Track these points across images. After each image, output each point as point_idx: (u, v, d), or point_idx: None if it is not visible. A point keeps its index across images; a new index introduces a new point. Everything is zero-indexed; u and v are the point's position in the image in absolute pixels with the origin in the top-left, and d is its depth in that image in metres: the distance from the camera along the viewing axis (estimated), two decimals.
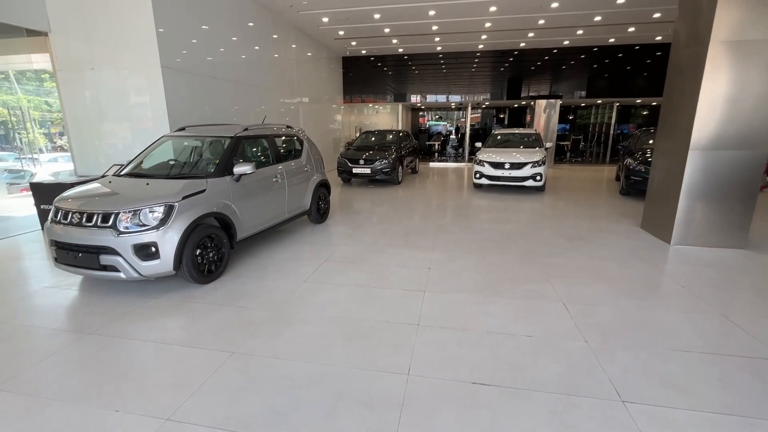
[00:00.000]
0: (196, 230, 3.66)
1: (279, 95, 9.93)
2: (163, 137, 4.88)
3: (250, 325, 3.08)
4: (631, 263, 4.42)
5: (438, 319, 3.17)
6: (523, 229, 5.85)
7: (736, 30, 4.34)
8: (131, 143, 6.29)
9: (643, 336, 2.91)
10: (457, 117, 24.91)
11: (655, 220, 5.45)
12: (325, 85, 13.75)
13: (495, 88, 24.03)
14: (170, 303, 3.49)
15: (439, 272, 4.17)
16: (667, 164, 5.19)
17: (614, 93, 16.77)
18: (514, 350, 2.73)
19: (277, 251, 4.90)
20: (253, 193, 4.53)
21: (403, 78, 20.40)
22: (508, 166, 8.77)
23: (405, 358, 2.63)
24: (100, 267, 3.40)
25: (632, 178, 8.04)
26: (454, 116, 25.29)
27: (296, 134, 5.85)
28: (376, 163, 9.72)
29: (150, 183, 3.91)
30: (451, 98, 18.32)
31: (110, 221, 3.38)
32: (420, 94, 22.45)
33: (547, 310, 3.31)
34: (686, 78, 4.81)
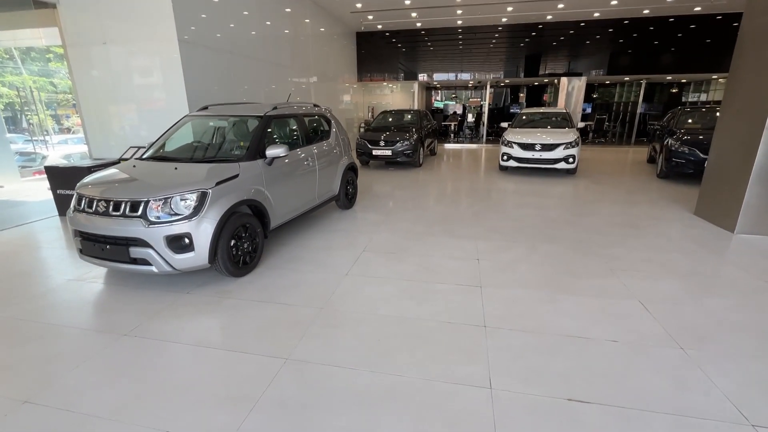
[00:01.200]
0: (230, 219, 3.34)
1: (293, 73, 9.44)
2: (185, 117, 4.51)
3: (298, 326, 2.79)
4: (698, 255, 4.05)
5: (505, 319, 2.85)
6: (566, 215, 5.48)
7: None
8: (147, 124, 5.94)
9: (746, 342, 2.57)
10: (466, 96, 24.03)
11: (713, 206, 5.04)
12: (338, 63, 13.17)
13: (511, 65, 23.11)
14: (205, 299, 3.21)
15: (491, 264, 3.83)
16: (733, 145, 4.74)
17: (638, 70, 15.96)
18: (602, 358, 2.41)
19: (308, 240, 4.59)
20: (286, 177, 4.18)
21: (417, 55, 19.61)
22: (539, 147, 8.30)
23: (481, 368, 2.33)
24: (130, 260, 3.11)
25: (674, 160, 7.55)
26: (462, 95, 24.44)
27: (325, 114, 5.45)
28: (398, 144, 9.29)
29: (179, 168, 3.57)
30: (466, 76, 17.58)
31: (140, 210, 3.06)
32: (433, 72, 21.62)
33: (624, 310, 2.98)
34: (765, 49, 4.31)
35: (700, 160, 7.20)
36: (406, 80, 17.73)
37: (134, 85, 5.84)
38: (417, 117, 10.62)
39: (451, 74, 18.26)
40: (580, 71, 19.42)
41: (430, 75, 17.07)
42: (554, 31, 14.27)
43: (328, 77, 12.01)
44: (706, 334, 2.65)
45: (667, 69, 15.12)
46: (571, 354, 2.45)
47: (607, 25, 13.53)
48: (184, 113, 5.62)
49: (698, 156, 7.20)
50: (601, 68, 17.69)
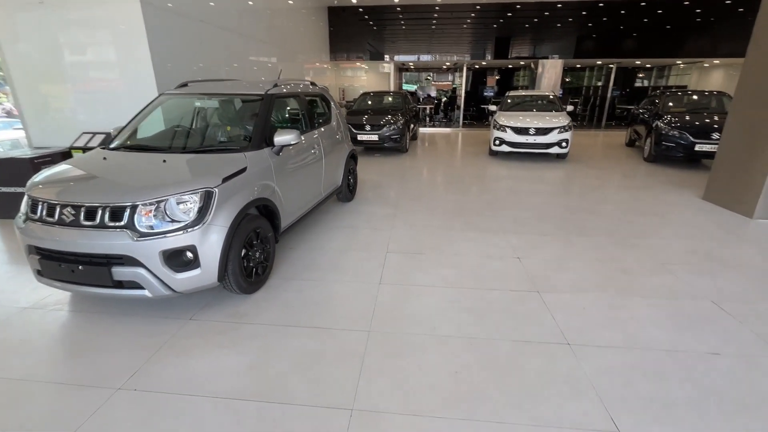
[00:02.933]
0: (242, 224, 2.67)
1: (269, 49, 8.48)
2: (161, 96, 3.65)
3: (350, 359, 2.24)
4: (734, 243, 3.92)
5: (586, 333, 2.47)
6: (581, 203, 5.24)
7: None
8: (103, 104, 4.92)
9: None
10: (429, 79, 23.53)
11: (726, 191, 4.99)
12: (310, 41, 12.19)
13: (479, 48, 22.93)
14: (217, 326, 2.55)
15: (534, 263, 3.45)
16: (749, 132, 4.66)
17: (604, 54, 16.30)
18: (718, 379, 2.09)
19: (317, 240, 3.97)
20: (294, 168, 3.51)
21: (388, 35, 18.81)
22: (533, 131, 8.05)
23: (594, 404, 1.92)
24: (113, 283, 2.37)
25: (664, 144, 7.59)
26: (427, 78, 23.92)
27: (323, 93, 4.75)
28: (384, 129, 8.69)
29: (168, 160, 2.80)
30: (432, 58, 17.17)
31: (124, 218, 2.32)
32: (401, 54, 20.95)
33: (701, 312, 2.71)
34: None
35: (690, 143, 7.29)
36: (373, 59, 16.97)
37: (85, 56, 4.78)
38: (401, 100, 10.03)
39: (416, 56, 17.73)
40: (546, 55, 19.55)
41: (392, 56, 16.43)
42: (529, 13, 14.09)
43: (301, 55, 11.05)
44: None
45: (632, 54, 15.52)
46: (681, 375, 2.11)
47: (581, 8, 13.52)
48: (150, 91, 4.69)
49: (688, 140, 7.28)
50: (568, 53, 17.94)
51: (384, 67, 16.35)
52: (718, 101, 8.48)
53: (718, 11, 13.39)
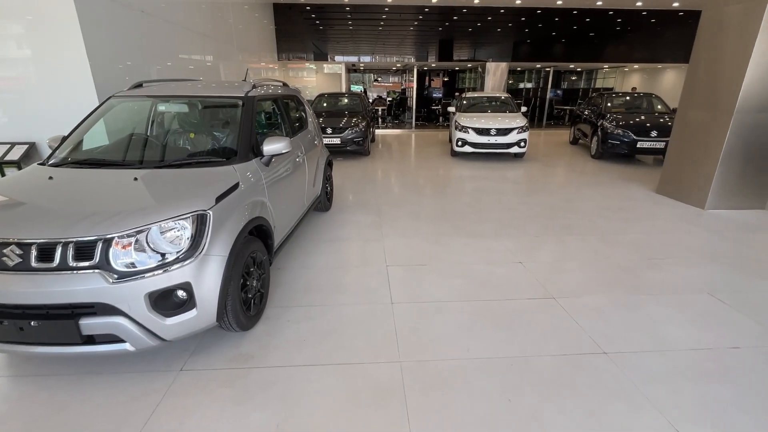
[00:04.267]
0: (241, 251, 2.27)
1: (216, 45, 7.75)
2: (111, 99, 3.05)
3: (389, 398, 1.96)
4: (701, 235, 4.22)
5: (616, 339, 2.44)
6: (555, 201, 5.39)
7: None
8: (23, 108, 4.07)
9: None
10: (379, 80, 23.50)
11: (679, 184, 5.43)
12: (258, 39, 11.47)
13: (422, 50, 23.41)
14: (218, 375, 2.13)
15: (538, 267, 3.42)
16: (699, 129, 5.10)
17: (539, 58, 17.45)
18: (750, 373, 2.14)
19: (306, 257, 3.60)
20: (283, 180, 3.11)
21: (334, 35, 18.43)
22: (494, 132, 8.24)
23: (658, 420, 1.85)
24: (81, 340, 1.85)
25: (610, 141, 8.18)
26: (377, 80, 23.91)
27: (298, 95, 4.35)
28: (347, 131, 8.37)
29: (140, 177, 2.29)
30: (379, 59, 17.21)
31: (95, 255, 1.82)
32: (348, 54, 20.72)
33: (704, 306, 2.82)
34: (730, 37, 4.63)
35: (633, 141, 7.92)
36: (317, 60, 16.53)
37: None
38: (359, 101, 9.77)
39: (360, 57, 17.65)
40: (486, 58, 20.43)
41: (332, 57, 16.20)
42: (473, 17, 14.55)
43: (249, 54, 10.32)
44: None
45: (563, 58, 16.76)
46: (718, 373, 2.14)
47: (520, 14, 14.25)
48: (87, 91, 3.97)
49: (631, 137, 7.90)
50: (506, 56, 18.93)
51: (334, 67, 15.93)
52: (649, 102, 9.36)
53: (633, 22, 14.88)
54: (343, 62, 14.92)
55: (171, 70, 5.54)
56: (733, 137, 4.73)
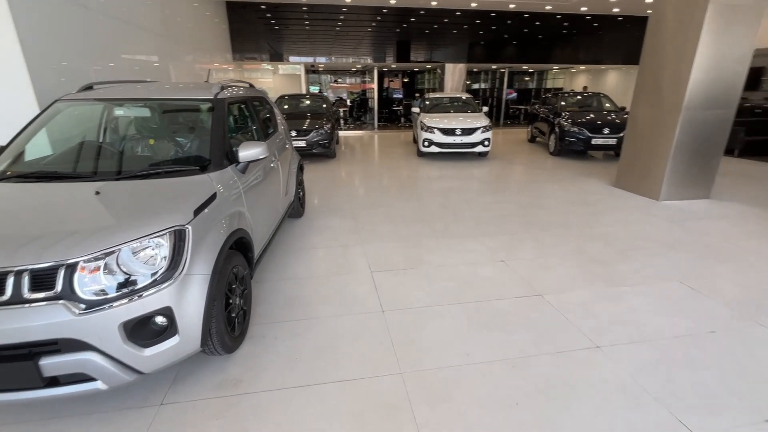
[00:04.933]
0: (224, 267, 2.07)
1: (166, 44, 7.24)
2: (57, 103, 2.70)
3: (397, 414, 1.87)
4: (660, 225, 4.50)
5: (606, 332, 2.50)
6: (525, 199, 5.54)
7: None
8: None
9: None
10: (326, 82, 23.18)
11: (635, 178, 5.78)
12: (213, 38, 10.91)
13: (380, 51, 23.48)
14: (205, 406, 1.92)
15: (519, 265, 3.47)
16: (650, 126, 5.45)
17: (493, 59, 18.10)
18: (729, 355, 2.28)
19: (285, 268, 3.42)
20: (259, 188, 2.92)
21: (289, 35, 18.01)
22: (459, 132, 8.37)
23: (659, 411, 1.90)
24: (43, 383, 1.59)
25: (567, 139, 8.59)
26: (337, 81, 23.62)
27: (265, 97, 4.13)
28: (312, 134, 8.16)
29: (102, 190, 2.02)
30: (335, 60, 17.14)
31: (57, 284, 1.57)
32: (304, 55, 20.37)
33: (678, 294, 2.99)
34: (678, 39, 4.98)
35: (588, 138, 8.38)
36: (272, 61, 16.10)
37: None
38: (325, 103, 9.56)
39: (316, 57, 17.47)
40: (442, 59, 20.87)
41: (287, 57, 15.92)
42: (430, 19, 14.76)
43: (203, 53, 9.77)
44: (757, 303, 2.83)
45: (515, 59, 17.49)
46: (703, 359, 2.25)
47: (475, 17, 14.65)
48: (24, 94, 3.52)
49: (586, 135, 8.35)
50: (462, 57, 19.44)
51: (293, 68, 15.53)
52: (599, 100, 9.96)
53: (578, 26, 15.81)
54: (303, 63, 14.54)
55: (113, 71, 5.06)
56: (681, 133, 5.10)
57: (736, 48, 4.83)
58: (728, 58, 4.85)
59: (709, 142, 5.22)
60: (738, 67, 4.92)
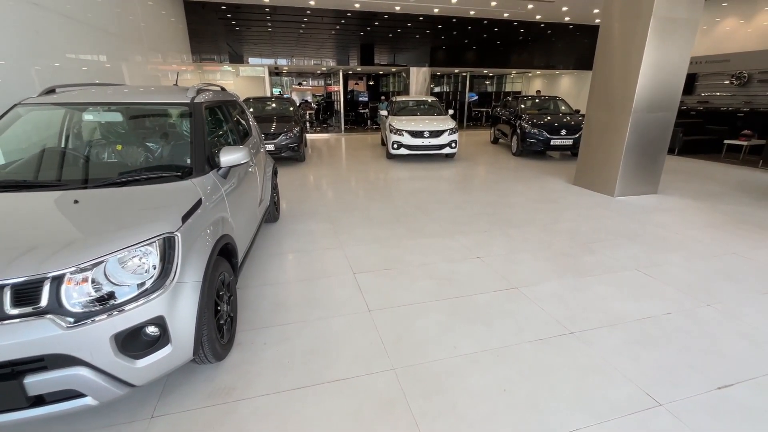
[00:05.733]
0: (213, 274, 2.05)
1: (122, 44, 6.90)
2: (17, 106, 2.53)
3: (393, 409, 1.94)
4: (617, 219, 4.87)
5: (577, 319, 2.70)
6: (491, 198, 5.79)
7: (668, 8, 5.06)
8: None
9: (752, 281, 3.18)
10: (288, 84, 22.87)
11: (591, 177, 6.21)
12: (170, 38, 10.47)
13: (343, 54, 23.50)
14: (199, 416, 1.89)
15: (495, 260, 3.64)
16: (603, 129, 5.88)
17: (454, 63, 18.68)
18: (684, 334, 2.54)
19: (266, 273, 3.38)
20: (239, 193, 2.88)
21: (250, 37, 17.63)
22: (427, 134, 8.58)
23: (630, 386, 2.10)
24: (28, 402, 1.51)
25: (528, 140, 9.04)
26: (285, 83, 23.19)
27: (238, 100, 4.06)
28: (281, 137, 8.07)
29: (81, 199, 1.93)
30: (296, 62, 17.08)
31: (43, 297, 1.50)
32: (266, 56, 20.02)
33: (636, 280, 3.27)
34: (625, 48, 5.42)
35: (547, 139, 8.87)
36: (233, 63, 15.73)
37: None
38: (292, 105, 9.46)
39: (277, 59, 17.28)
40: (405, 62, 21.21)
41: (247, 59, 15.68)
42: (394, 23, 14.99)
43: (161, 54, 9.36)
44: (705, 286, 3.16)
45: (475, 64, 18.13)
46: (663, 338, 2.49)
47: (437, 22, 15.05)
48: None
49: (545, 136, 8.83)
50: (424, 61, 19.89)
51: (256, 70, 15.21)
52: (555, 103, 10.55)
53: (533, 33, 16.66)
54: (266, 65, 14.27)
55: (57, 72, 4.73)
56: (631, 134, 5.55)
57: (675, 56, 5.33)
58: (669, 66, 5.35)
59: (655, 142, 5.72)
60: (678, 73, 5.44)
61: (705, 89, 10.92)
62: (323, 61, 19.59)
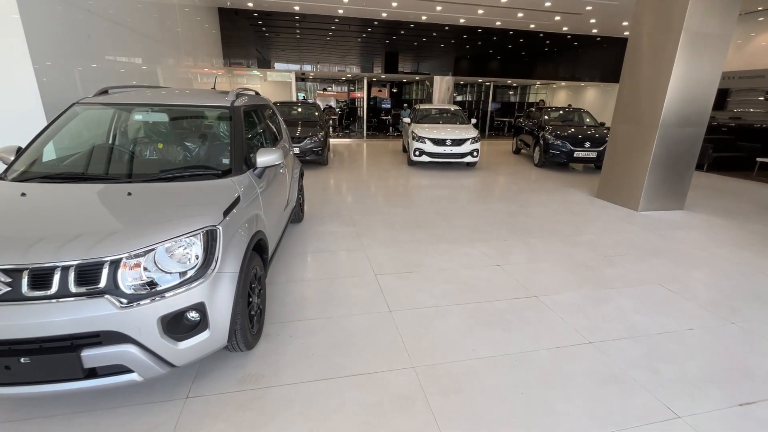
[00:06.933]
0: (248, 266, 2.19)
1: (163, 49, 7.28)
2: (75, 106, 2.76)
3: (412, 404, 2.02)
4: (640, 233, 4.82)
5: (597, 330, 2.72)
6: (514, 207, 5.81)
7: (699, 22, 5.02)
8: None
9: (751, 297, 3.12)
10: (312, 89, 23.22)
11: (615, 190, 6.14)
12: (205, 43, 10.92)
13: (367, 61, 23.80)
14: (230, 399, 2.02)
15: (514, 269, 3.68)
16: (629, 142, 5.83)
17: (477, 73, 18.71)
18: (706, 350, 2.52)
19: (291, 271, 3.52)
20: (272, 193, 3.04)
21: (279, 43, 18.12)
22: (449, 142, 8.65)
23: (648, 398, 2.12)
24: (83, 374, 1.67)
25: (551, 152, 8.99)
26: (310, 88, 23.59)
27: (271, 105, 4.25)
28: (306, 141, 8.29)
29: (133, 192, 2.11)
30: (320, 69, 17.40)
31: (102, 279, 1.66)
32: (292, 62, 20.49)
33: (658, 295, 3.25)
34: (654, 62, 5.39)
35: (570, 151, 8.80)
36: (260, 68, 16.23)
37: None
38: (317, 110, 9.70)
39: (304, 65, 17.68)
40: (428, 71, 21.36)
41: (274, 64, 16.10)
42: (420, 32, 15.17)
43: (195, 58, 9.79)
44: (728, 303, 3.11)
45: (499, 74, 18.12)
46: (684, 353, 2.49)
47: (462, 32, 15.15)
48: (30, 97, 3.54)
49: (569, 148, 8.77)
50: (447, 70, 19.98)
51: (283, 75, 15.63)
52: (579, 115, 10.46)
53: (559, 44, 16.55)
54: (293, 71, 14.65)
55: (96, 73, 4.98)
56: (658, 149, 5.49)
57: (706, 71, 5.26)
58: (699, 80, 5.29)
59: (683, 158, 5.63)
60: (708, 88, 5.36)
61: (738, 105, 10.61)
62: (348, 67, 19.96)
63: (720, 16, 5.09)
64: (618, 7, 10.99)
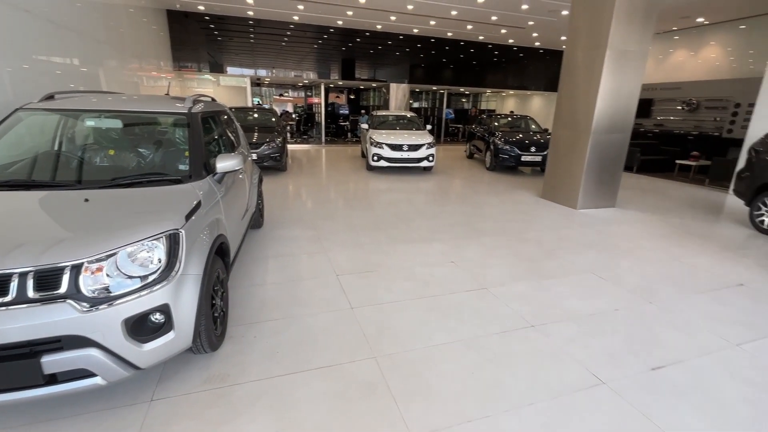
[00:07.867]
0: (211, 269, 2.24)
1: (108, 52, 6.96)
2: (18, 111, 2.66)
3: (374, 392, 2.17)
4: (579, 229, 5.33)
5: (538, 315, 3.03)
6: (464, 209, 6.16)
7: (621, 41, 5.66)
8: None
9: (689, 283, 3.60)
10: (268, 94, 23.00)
11: (556, 191, 6.70)
12: (152, 46, 10.51)
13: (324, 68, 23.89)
14: (197, 399, 2.06)
15: (468, 265, 3.96)
16: (567, 147, 6.41)
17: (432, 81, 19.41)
18: (629, 326, 2.90)
19: (254, 275, 3.56)
20: (231, 198, 3.08)
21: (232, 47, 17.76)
22: (406, 147, 8.95)
23: (580, 369, 2.42)
24: (44, 381, 1.66)
25: (501, 156, 9.58)
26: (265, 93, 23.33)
27: (227, 110, 4.26)
28: (264, 147, 8.24)
29: (91, 198, 2.09)
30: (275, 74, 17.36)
31: (63, 284, 1.67)
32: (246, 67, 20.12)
33: (591, 283, 3.65)
34: (586, 74, 5.99)
35: (518, 155, 9.43)
36: (213, 72, 15.82)
37: None
38: (274, 116, 9.65)
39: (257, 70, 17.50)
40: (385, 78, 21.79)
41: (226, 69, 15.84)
42: (375, 40, 15.52)
43: (142, 61, 9.39)
44: (649, 287, 3.57)
45: (452, 82, 18.92)
46: (610, 330, 2.85)
47: (416, 41, 15.70)
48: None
49: (517, 152, 9.40)
50: (403, 78, 20.53)
51: (238, 80, 15.31)
52: (526, 122, 11.23)
53: (507, 55, 17.61)
54: (248, 75, 14.41)
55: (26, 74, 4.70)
56: (591, 153, 6.08)
57: (628, 83, 5.93)
58: (623, 92, 5.94)
59: (612, 161, 6.28)
60: (630, 98, 6.04)
61: (660, 113, 11.89)
62: (304, 73, 19.97)
63: (638, 35, 5.78)
64: (557, 23, 11.95)
